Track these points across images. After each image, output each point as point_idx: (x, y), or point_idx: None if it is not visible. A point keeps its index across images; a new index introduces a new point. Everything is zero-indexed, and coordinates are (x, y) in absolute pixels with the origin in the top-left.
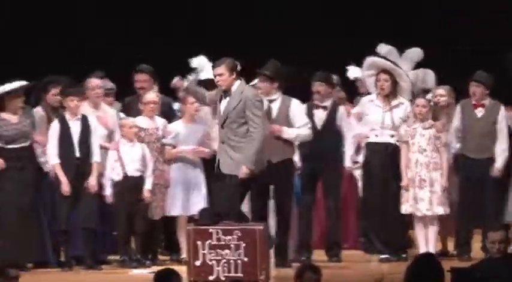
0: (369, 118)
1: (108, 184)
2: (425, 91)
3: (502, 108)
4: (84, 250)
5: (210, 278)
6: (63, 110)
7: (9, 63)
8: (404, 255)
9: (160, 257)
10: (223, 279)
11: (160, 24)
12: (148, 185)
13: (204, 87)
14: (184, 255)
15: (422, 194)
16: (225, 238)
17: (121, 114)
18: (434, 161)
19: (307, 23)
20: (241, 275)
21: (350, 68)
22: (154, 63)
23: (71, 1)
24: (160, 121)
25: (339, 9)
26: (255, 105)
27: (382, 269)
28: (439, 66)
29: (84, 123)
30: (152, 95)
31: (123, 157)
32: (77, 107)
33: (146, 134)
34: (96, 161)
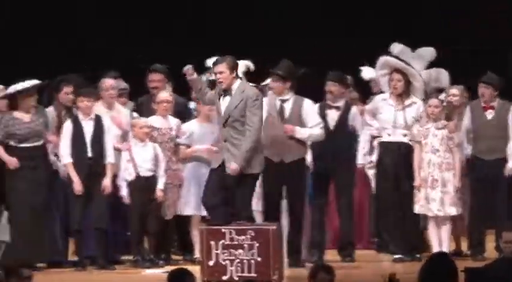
0: (381, 117)
1: (124, 185)
2: (438, 90)
3: (511, 109)
4: (97, 250)
5: (224, 278)
6: (77, 109)
7: (9, 63)
8: (418, 255)
9: (173, 257)
10: (237, 279)
11: (160, 24)
12: (161, 185)
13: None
14: (197, 255)
15: (434, 194)
16: (238, 238)
17: (134, 114)
18: (447, 161)
19: (307, 23)
20: (255, 275)
21: (364, 68)
22: (154, 63)
23: (71, 1)
24: (173, 121)
25: (339, 9)
26: (255, 105)
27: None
28: (439, 66)
29: (98, 123)
30: (165, 94)
31: (135, 158)
32: (89, 108)
33: (159, 133)
34: (110, 162)
